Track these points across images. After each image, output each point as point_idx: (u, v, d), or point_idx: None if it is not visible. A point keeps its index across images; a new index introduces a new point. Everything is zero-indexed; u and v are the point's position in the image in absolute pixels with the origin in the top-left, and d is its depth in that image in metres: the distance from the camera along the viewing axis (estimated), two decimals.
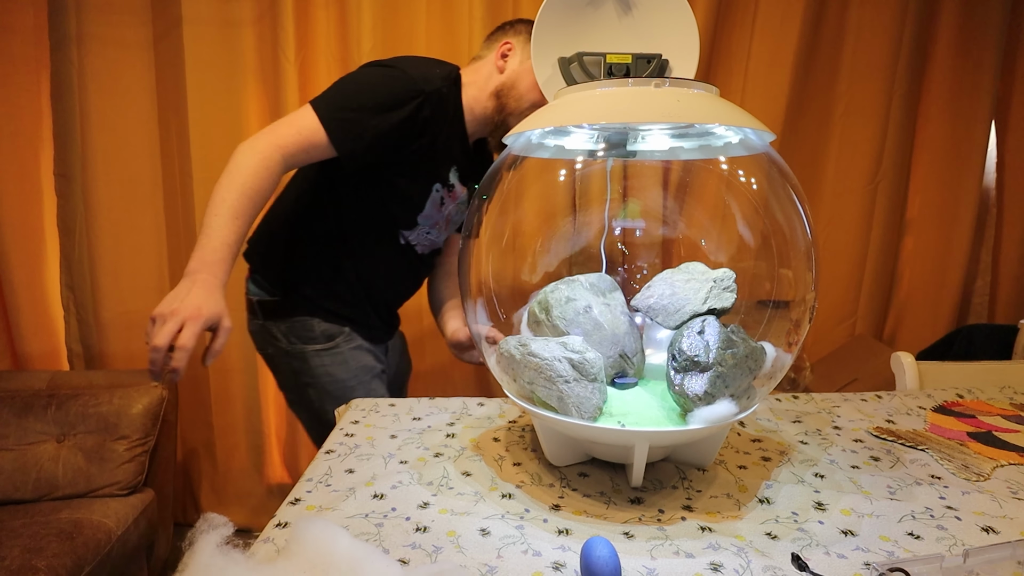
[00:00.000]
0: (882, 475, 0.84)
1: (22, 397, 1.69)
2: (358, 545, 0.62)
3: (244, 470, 2.09)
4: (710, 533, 0.70)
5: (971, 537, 0.69)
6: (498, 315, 0.94)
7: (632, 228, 0.96)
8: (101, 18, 1.81)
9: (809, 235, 0.82)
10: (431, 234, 1.27)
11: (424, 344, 1.96)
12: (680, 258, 0.90)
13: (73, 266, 1.92)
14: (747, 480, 0.82)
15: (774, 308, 0.86)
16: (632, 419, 0.75)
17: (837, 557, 0.65)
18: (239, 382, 2.01)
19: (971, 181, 2.02)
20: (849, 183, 2.03)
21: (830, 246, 2.06)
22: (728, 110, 0.74)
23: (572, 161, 0.94)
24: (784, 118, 1.92)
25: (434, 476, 0.83)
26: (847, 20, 1.93)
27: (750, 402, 0.79)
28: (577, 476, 0.84)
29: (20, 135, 1.89)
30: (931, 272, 2.11)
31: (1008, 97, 2.02)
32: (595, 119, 0.75)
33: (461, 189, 1.24)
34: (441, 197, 1.21)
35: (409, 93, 1.08)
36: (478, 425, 1.01)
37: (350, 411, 1.07)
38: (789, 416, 1.05)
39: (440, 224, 1.27)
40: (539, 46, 0.92)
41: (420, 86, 1.08)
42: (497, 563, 0.64)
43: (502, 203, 0.93)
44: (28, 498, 1.58)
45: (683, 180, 0.97)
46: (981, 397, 1.16)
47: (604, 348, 0.83)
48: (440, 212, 1.23)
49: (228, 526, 0.61)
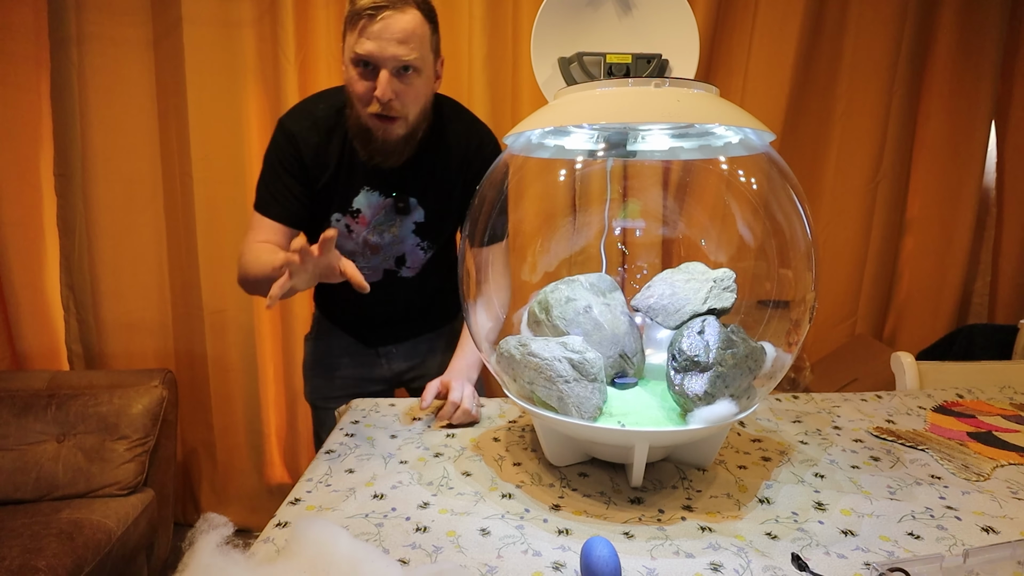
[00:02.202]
0: (882, 475, 0.84)
1: (22, 397, 1.69)
2: (358, 545, 0.62)
3: (244, 470, 2.09)
4: (710, 533, 0.70)
5: (971, 537, 0.69)
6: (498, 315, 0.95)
7: (632, 228, 0.96)
8: (101, 18, 1.80)
9: (809, 235, 0.82)
10: (359, 262, 1.15)
11: None
12: (680, 258, 0.90)
13: (73, 266, 1.92)
14: (747, 480, 0.82)
15: (774, 308, 0.86)
16: (632, 419, 0.75)
17: (837, 557, 0.65)
18: (239, 382, 2.01)
19: (971, 181, 2.02)
20: (849, 183, 2.02)
21: (830, 246, 2.06)
22: (728, 110, 0.74)
23: (572, 161, 0.94)
24: (784, 118, 1.92)
25: (434, 476, 0.83)
26: (847, 20, 1.93)
27: (750, 402, 0.79)
28: (577, 476, 0.84)
29: (20, 135, 1.89)
30: (931, 272, 2.11)
31: (1008, 97, 2.02)
32: (595, 119, 0.75)
33: (379, 206, 1.14)
34: (345, 225, 1.15)
35: (286, 149, 1.11)
36: (478, 425, 1.01)
37: (350, 411, 1.07)
38: (789, 416, 1.05)
39: (360, 252, 1.18)
40: (539, 46, 0.92)
41: (293, 138, 1.11)
42: (497, 563, 0.64)
43: (502, 203, 0.93)
44: (28, 498, 1.58)
45: (683, 180, 0.97)
46: (981, 397, 1.16)
47: (604, 348, 0.83)
48: (351, 239, 1.17)
49: (228, 526, 0.61)
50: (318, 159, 1.11)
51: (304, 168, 1.11)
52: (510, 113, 1.87)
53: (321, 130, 1.11)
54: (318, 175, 1.12)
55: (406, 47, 0.98)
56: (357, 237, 1.17)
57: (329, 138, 1.11)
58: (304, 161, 1.11)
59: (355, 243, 1.18)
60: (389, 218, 1.16)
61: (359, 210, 1.14)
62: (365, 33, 0.97)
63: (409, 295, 1.28)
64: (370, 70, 0.99)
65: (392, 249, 1.20)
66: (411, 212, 1.16)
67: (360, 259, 1.20)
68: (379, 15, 0.95)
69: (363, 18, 0.96)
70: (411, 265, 1.23)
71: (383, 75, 0.98)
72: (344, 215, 1.15)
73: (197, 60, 1.81)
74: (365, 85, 1.00)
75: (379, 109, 1.01)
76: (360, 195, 1.13)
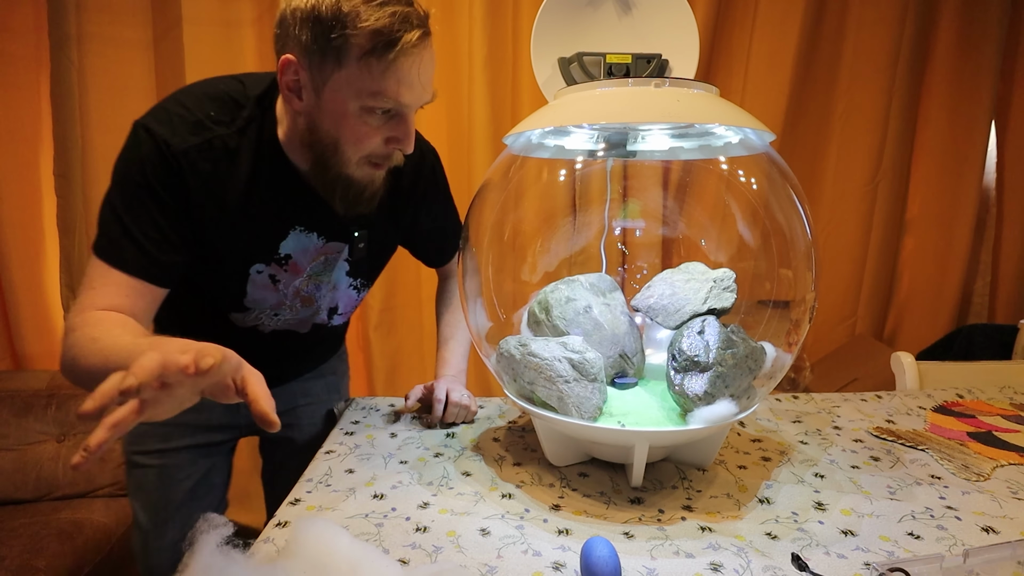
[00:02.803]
0: (882, 475, 0.84)
1: (22, 397, 1.69)
2: (358, 545, 0.62)
3: (244, 470, 2.09)
4: (710, 533, 0.70)
5: (971, 537, 0.69)
6: (498, 315, 0.94)
7: (632, 228, 0.96)
8: (101, 18, 1.80)
9: (809, 235, 0.82)
10: (282, 316, 0.94)
11: (424, 343, 1.96)
12: (680, 258, 0.90)
13: (73, 266, 1.92)
14: (747, 480, 0.82)
15: (774, 308, 0.86)
16: (632, 419, 0.75)
17: (837, 557, 0.65)
18: None
19: (971, 181, 2.02)
20: (849, 183, 2.03)
21: (830, 246, 2.06)
22: (728, 110, 0.74)
23: (572, 161, 0.94)
24: (784, 118, 1.92)
25: (434, 476, 0.83)
26: (847, 20, 1.93)
27: (750, 402, 0.79)
28: (577, 476, 0.84)
29: (20, 135, 1.89)
30: (931, 272, 2.11)
31: (1008, 97, 2.02)
32: (595, 119, 0.75)
33: (316, 251, 0.88)
34: (270, 276, 0.87)
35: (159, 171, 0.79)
36: (478, 425, 1.01)
37: (350, 411, 1.07)
38: (789, 416, 1.05)
39: (288, 303, 0.92)
40: (539, 46, 0.92)
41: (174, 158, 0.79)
42: (497, 563, 0.64)
43: (502, 203, 0.93)
44: (28, 498, 1.58)
45: (683, 180, 0.97)
46: (981, 397, 1.16)
47: (604, 348, 0.83)
48: (276, 291, 0.89)
49: (228, 526, 0.61)
50: (216, 191, 0.79)
51: (187, 202, 0.77)
52: (510, 113, 1.86)
53: (224, 150, 0.78)
54: (215, 215, 0.80)
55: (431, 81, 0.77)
56: (286, 288, 0.90)
57: (233, 160, 0.79)
58: (190, 193, 0.77)
59: (281, 295, 0.90)
60: (330, 264, 0.91)
61: (288, 256, 0.87)
62: (398, 71, 0.71)
63: (322, 340, 1.06)
64: (390, 114, 0.76)
65: (327, 299, 0.96)
66: (355, 251, 0.93)
67: (285, 311, 0.93)
68: (413, 43, 0.71)
69: (393, 47, 0.70)
70: (344, 311, 1.01)
71: (410, 121, 0.77)
72: (269, 264, 0.86)
73: (197, 60, 1.81)
74: (382, 133, 0.77)
75: (399, 161, 0.81)
76: (290, 238, 0.85)
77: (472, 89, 1.80)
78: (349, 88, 0.72)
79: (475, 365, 1.99)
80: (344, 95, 0.73)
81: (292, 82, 0.74)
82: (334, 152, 0.77)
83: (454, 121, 1.84)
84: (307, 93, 0.74)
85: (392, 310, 1.92)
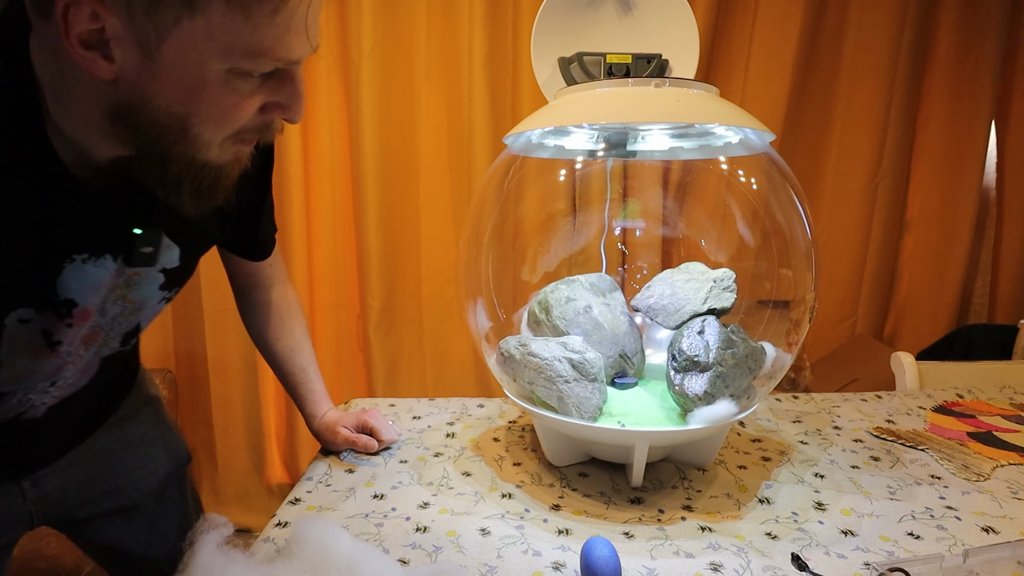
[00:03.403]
0: (882, 475, 0.84)
1: None
2: (358, 545, 0.62)
3: (244, 470, 2.09)
4: (710, 533, 0.70)
5: (971, 537, 0.69)
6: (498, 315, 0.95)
7: (632, 228, 0.96)
8: None
9: (809, 235, 0.82)
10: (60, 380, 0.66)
11: (424, 343, 1.96)
12: (680, 258, 0.90)
13: None
14: (747, 480, 0.82)
15: (774, 308, 0.86)
16: (632, 419, 0.75)
17: (837, 557, 0.65)
18: (239, 382, 2.01)
19: (971, 181, 2.02)
20: (849, 183, 2.03)
21: (830, 246, 2.06)
22: (728, 110, 0.74)
23: (572, 161, 0.94)
24: (784, 118, 1.92)
25: (434, 476, 0.83)
26: (847, 20, 1.93)
27: (750, 402, 0.79)
28: (577, 476, 0.84)
29: None
30: (931, 272, 2.11)
31: (1008, 97, 2.02)
32: (595, 119, 0.75)
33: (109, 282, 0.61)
34: (43, 335, 0.60)
35: None
36: (478, 425, 1.01)
37: (349, 410, 1.07)
38: (789, 416, 1.05)
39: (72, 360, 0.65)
40: (539, 46, 0.92)
41: None
42: (497, 563, 0.64)
43: (502, 203, 0.93)
44: None
45: (683, 180, 0.97)
46: (981, 397, 1.16)
47: (604, 348, 0.83)
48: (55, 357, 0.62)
49: (228, 526, 0.61)
50: None
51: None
52: (510, 113, 1.86)
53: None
54: None
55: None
56: (70, 345, 0.63)
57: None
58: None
59: (63, 357, 0.63)
60: (134, 284, 0.65)
61: (72, 302, 0.59)
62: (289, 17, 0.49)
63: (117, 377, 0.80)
64: (271, 74, 0.52)
65: (122, 325, 0.68)
66: (159, 258, 0.65)
67: (67, 372, 0.66)
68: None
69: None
70: (144, 326, 0.73)
71: (300, 79, 0.54)
72: (42, 312, 0.58)
73: None
74: (258, 100, 0.53)
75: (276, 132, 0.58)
76: (67, 271, 0.58)
77: (472, 89, 1.80)
78: (210, 44, 0.48)
79: (475, 365, 1.99)
80: (200, 54, 0.48)
81: (90, 33, 0.46)
82: (181, 135, 0.52)
83: (454, 121, 1.84)
84: (125, 51, 0.47)
85: (392, 310, 1.92)
